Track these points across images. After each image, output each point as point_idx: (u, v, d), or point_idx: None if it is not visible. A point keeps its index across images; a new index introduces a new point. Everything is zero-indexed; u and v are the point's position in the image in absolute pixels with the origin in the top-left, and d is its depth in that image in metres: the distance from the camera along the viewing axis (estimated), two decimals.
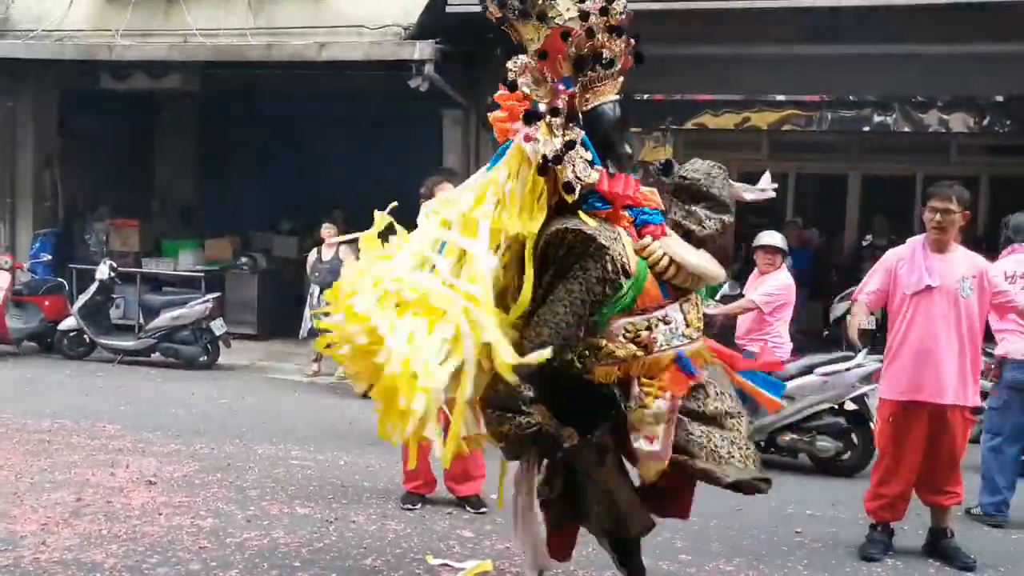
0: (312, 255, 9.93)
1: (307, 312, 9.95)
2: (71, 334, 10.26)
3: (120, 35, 10.83)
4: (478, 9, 8.77)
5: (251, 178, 13.51)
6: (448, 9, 8.66)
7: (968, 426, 4.80)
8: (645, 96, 13.82)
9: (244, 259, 11.82)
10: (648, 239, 3.36)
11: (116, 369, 9.81)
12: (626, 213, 3.39)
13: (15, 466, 5.89)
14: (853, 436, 6.49)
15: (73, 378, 9.25)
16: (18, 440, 6.56)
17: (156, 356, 10.04)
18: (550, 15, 3.31)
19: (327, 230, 9.76)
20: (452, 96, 9.85)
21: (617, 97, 3.48)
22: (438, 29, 9.14)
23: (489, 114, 3.63)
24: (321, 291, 9.65)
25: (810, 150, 13.62)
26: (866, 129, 13.82)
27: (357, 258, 10.60)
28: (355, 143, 12.18)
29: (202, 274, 11.51)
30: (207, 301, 9.96)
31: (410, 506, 5.31)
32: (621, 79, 3.49)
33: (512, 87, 3.44)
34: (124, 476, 5.74)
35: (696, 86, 12.59)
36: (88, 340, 10.13)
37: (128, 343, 10.15)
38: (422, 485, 5.41)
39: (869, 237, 11.72)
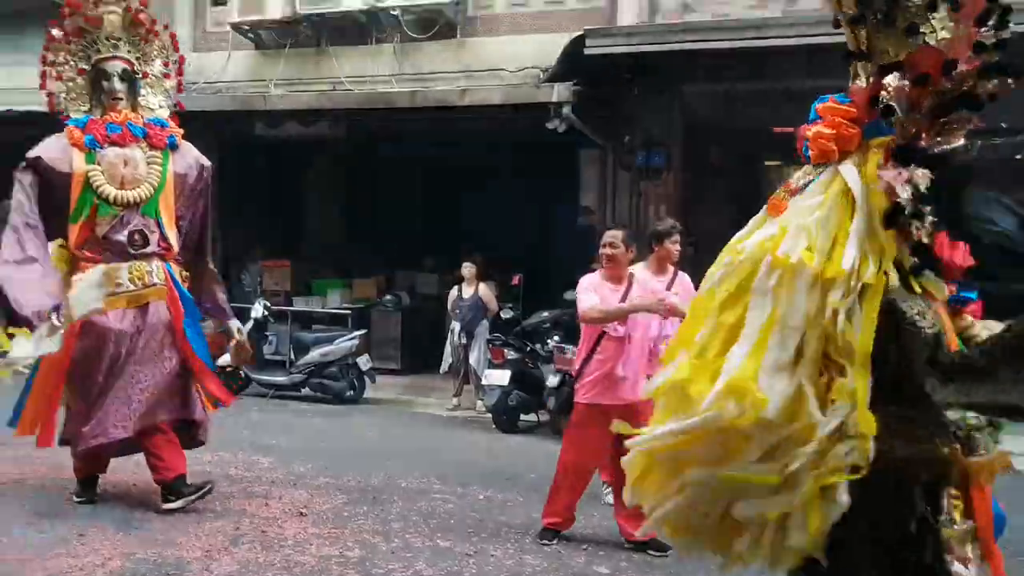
0: (453, 293, 10.16)
1: (447, 348, 10.18)
2: (228, 369, 10.77)
3: (273, 85, 11.47)
4: (617, 50, 8.99)
5: (395, 218, 13.95)
6: (587, 51, 8.76)
7: None
8: (787, 128, 13.61)
9: (388, 297, 12.19)
10: (969, 319, 2.80)
11: (269, 403, 10.24)
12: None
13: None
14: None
15: (230, 412, 9.66)
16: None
17: (306, 391, 10.44)
18: (922, 29, 2.64)
19: (467, 269, 9.97)
20: (589, 136, 9.93)
21: (964, 141, 2.71)
22: (577, 70, 9.26)
23: (809, 128, 3.06)
24: (461, 328, 9.85)
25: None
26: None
27: (496, 296, 10.68)
28: (494, 181, 12.44)
29: (349, 312, 11.91)
30: (354, 338, 10.30)
31: (547, 541, 5.34)
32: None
33: (886, 111, 2.67)
34: (278, 507, 5.95)
35: None
36: (244, 375, 10.63)
37: (280, 378, 10.60)
38: (561, 522, 5.43)
39: None
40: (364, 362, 10.30)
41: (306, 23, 11.19)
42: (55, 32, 5.43)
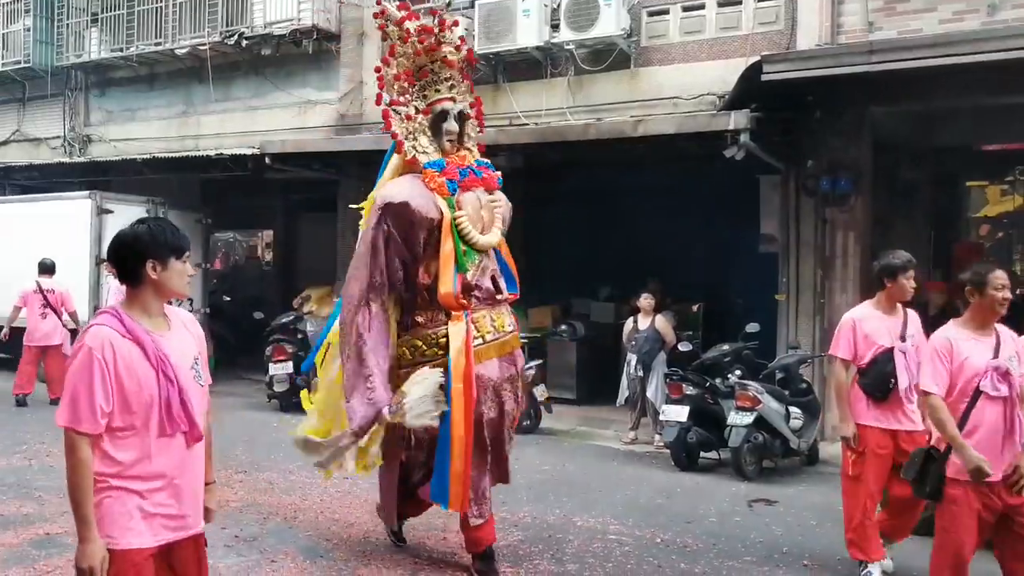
0: (628, 324, 10.07)
1: (624, 380, 10.08)
2: None
3: None
4: (796, 75, 8.67)
5: (572, 247, 14.02)
6: (764, 77, 8.51)
7: None
8: (990, 147, 12.70)
9: (564, 327, 12.23)
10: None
11: None
12: None
13: (364, 524, 6.44)
14: None
15: None
16: (366, 499, 7.10)
17: None
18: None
19: (645, 300, 9.86)
20: (769, 161, 9.64)
21: None
22: (755, 95, 9.01)
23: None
24: (638, 360, 9.74)
25: None
26: None
27: (674, 328, 10.59)
28: (672, 210, 12.28)
29: (525, 341, 12.02)
30: (531, 367, 10.38)
31: None
32: None
33: None
34: (455, 541, 6.04)
35: None
36: None
37: None
38: None
39: None
40: (540, 392, 10.36)
41: (483, 61, 11.48)
42: (389, 72, 5.29)
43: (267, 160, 12.30)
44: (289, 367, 11.43)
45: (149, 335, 2.99)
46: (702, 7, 10.45)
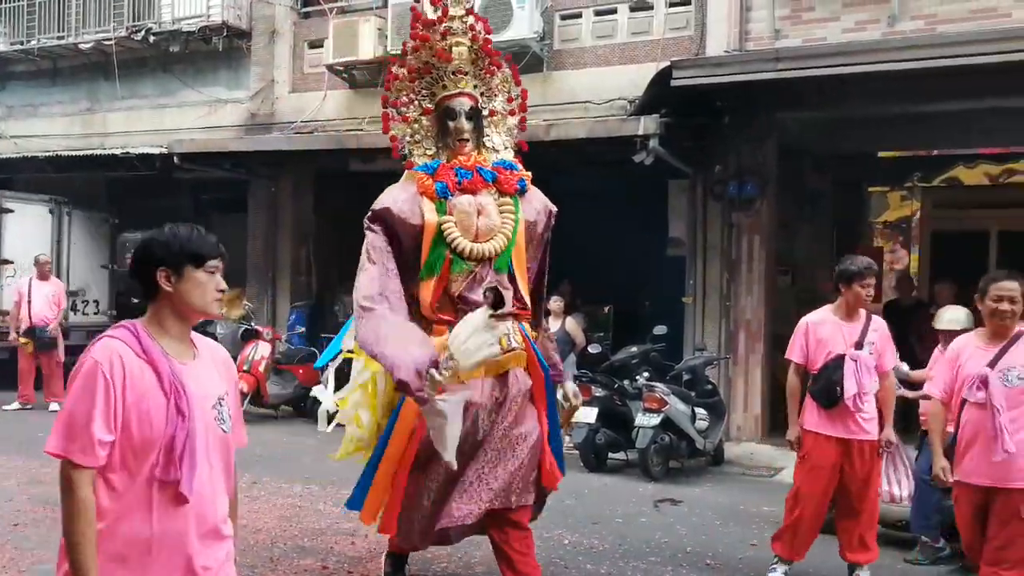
0: None
1: None
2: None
3: (366, 123, 11.70)
4: (705, 81, 8.83)
5: None
6: (674, 83, 8.64)
7: None
8: (889, 153, 13.14)
9: None
10: None
11: None
12: None
13: (271, 530, 6.33)
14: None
15: (322, 444, 9.83)
16: (274, 504, 7.05)
17: None
18: None
19: (555, 303, 9.90)
20: (678, 166, 9.78)
21: None
22: (664, 100, 9.14)
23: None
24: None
25: None
26: None
27: (584, 330, 10.60)
28: (583, 214, 12.34)
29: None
30: None
31: None
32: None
33: None
34: (363, 546, 5.98)
35: (948, 140, 11.76)
36: (336, 406, 10.77)
37: None
38: None
39: None
40: None
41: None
42: (397, 70, 4.84)
43: (176, 159, 12.01)
44: None
45: (167, 359, 2.49)
46: (614, 12, 10.55)
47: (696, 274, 10.18)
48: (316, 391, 5.76)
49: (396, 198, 4.65)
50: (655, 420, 8.15)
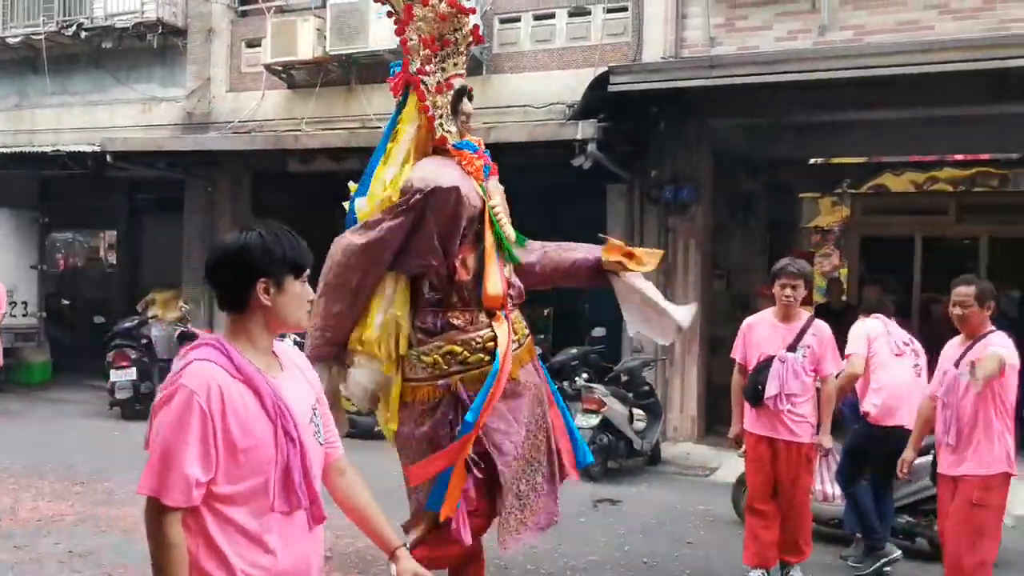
0: None
1: None
2: None
3: (305, 123, 11.63)
4: (642, 87, 8.98)
5: None
6: (611, 88, 8.77)
7: None
8: (820, 160, 13.50)
9: None
10: None
11: None
12: None
13: None
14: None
15: None
16: None
17: None
18: None
19: None
20: (615, 171, 9.92)
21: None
22: (602, 105, 9.26)
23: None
24: None
25: (1005, 211, 12.72)
26: None
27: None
28: (523, 216, 12.43)
29: None
30: None
31: None
32: None
33: None
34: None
35: (875, 148, 12.14)
36: None
37: None
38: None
39: None
40: None
41: (335, 63, 11.34)
42: (414, 35, 4.36)
43: (109, 158, 11.77)
44: (132, 373, 10.99)
45: (263, 377, 2.25)
46: (552, 17, 10.64)
47: None
48: None
49: (457, 178, 4.17)
50: (594, 421, 8.25)
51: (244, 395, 2.20)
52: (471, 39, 4.48)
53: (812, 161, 13.15)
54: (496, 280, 4.20)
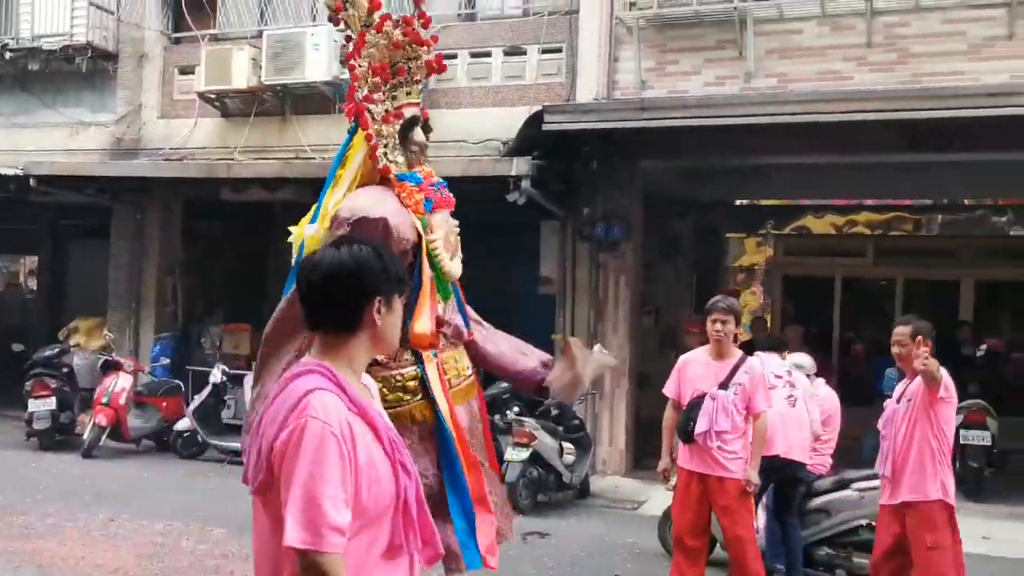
0: None
1: None
2: (185, 434, 10.69)
3: (238, 152, 11.57)
4: (574, 127, 9.19)
5: None
6: (545, 127, 8.96)
7: None
8: (745, 202, 13.93)
9: None
10: None
11: (225, 470, 10.09)
12: None
13: (129, 570, 6.13)
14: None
15: (186, 478, 9.59)
16: (133, 542, 6.83)
17: None
18: None
19: None
20: (549, 207, 10.09)
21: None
22: (534, 145, 9.44)
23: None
24: None
25: (919, 255, 13.27)
26: (978, 234, 13.47)
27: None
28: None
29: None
30: None
31: None
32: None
33: None
34: None
35: (798, 191, 12.58)
36: (201, 440, 10.52)
37: (237, 444, 10.43)
38: None
39: (984, 346, 11.27)
40: None
41: (270, 93, 11.34)
42: (363, 63, 4.25)
43: (32, 182, 11.50)
44: (52, 403, 10.65)
45: (372, 406, 2.13)
46: (489, 55, 10.82)
47: (565, 312, 10.47)
48: None
49: (389, 209, 4.05)
50: (524, 454, 8.32)
51: (363, 427, 2.07)
52: (427, 69, 4.37)
53: (738, 202, 13.56)
54: (425, 319, 4.03)
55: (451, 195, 4.34)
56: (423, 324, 4.00)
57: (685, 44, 9.87)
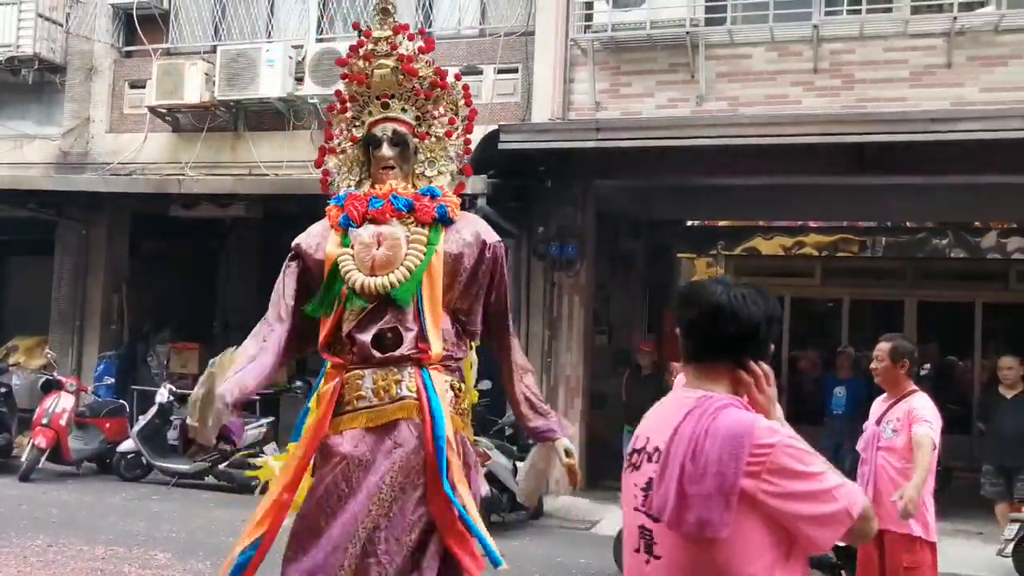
0: None
1: None
2: (129, 456, 10.44)
3: (189, 167, 11.42)
4: (530, 146, 9.24)
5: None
6: (500, 146, 8.99)
7: None
8: (696, 222, 14.10)
9: (299, 383, 11.97)
10: None
11: (171, 492, 9.91)
12: None
13: None
14: (843, 572, 6.17)
15: (129, 501, 9.37)
16: (73, 568, 6.63)
17: (209, 479, 10.14)
18: None
19: None
20: (504, 226, 10.10)
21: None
22: (490, 163, 9.47)
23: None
24: None
25: (864, 275, 13.55)
26: (920, 256, 13.79)
27: None
28: None
29: (257, 398, 11.63)
30: (261, 425, 10.12)
31: None
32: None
33: None
34: None
35: (747, 212, 12.76)
36: (145, 462, 10.28)
37: (183, 466, 10.27)
38: None
39: (928, 366, 11.51)
40: (271, 450, 10.05)
41: (223, 108, 11.23)
42: (335, 102, 4.43)
43: None
44: None
45: None
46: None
47: (520, 330, 10.47)
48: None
49: (310, 231, 4.22)
50: None
51: None
52: (405, 77, 4.23)
53: (689, 223, 13.72)
54: (321, 332, 4.02)
55: (430, 204, 4.11)
56: (320, 339, 4.02)
57: (639, 67, 10.03)
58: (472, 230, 4.21)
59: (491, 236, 4.25)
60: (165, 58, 11.65)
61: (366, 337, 3.99)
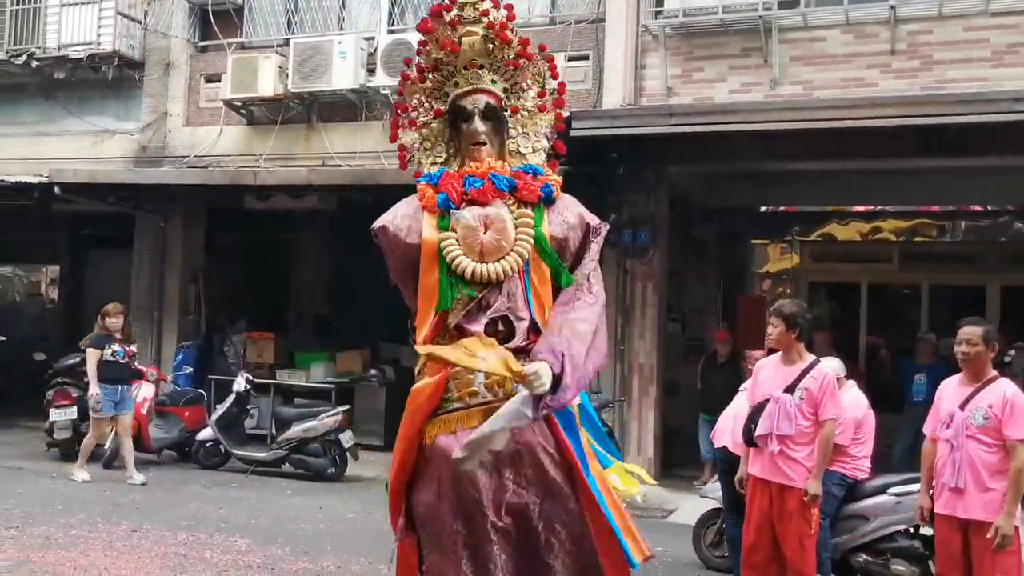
0: None
1: None
2: (208, 444, 10.65)
3: (264, 159, 11.58)
4: (602, 133, 9.15)
5: (382, 291, 13.93)
6: (572, 133, 8.91)
7: None
8: (771, 208, 13.85)
9: (373, 371, 12.09)
10: None
11: (248, 480, 10.07)
12: None
13: None
14: (930, 562, 5.98)
15: (208, 489, 9.55)
16: (156, 553, 6.77)
17: (286, 467, 10.30)
18: None
19: None
20: None
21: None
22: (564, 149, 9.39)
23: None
24: None
25: (944, 260, 13.15)
26: (1003, 239, 13.35)
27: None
28: None
29: (333, 386, 11.79)
30: (337, 414, 10.21)
31: None
32: None
33: None
34: None
35: (823, 198, 12.49)
36: (223, 450, 10.47)
37: (260, 454, 10.45)
38: None
39: (1012, 352, 11.11)
40: (347, 438, 10.17)
41: (297, 100, 11.36)
42: (408, 71, 4.07)
43: (57, 189, 11.54)
44: (73, 412, 10.60)
45: None
46: None
47: None
48: None
49: (396, 213, 3.86)
50: None
51: None
52: (498, 44, 3.89)
53: (763, 209, 13.48)
54: (422, 324, 3.73)
55: (534, 182, 3.83)
56: (420, 333, 3.72)
57: (710, 52, 9.87)
58: (575, 211, 3.96)
59: (594, 219, 4.02)
60: (239, 52, 11.83)
61: (478, 328, 3.69)
